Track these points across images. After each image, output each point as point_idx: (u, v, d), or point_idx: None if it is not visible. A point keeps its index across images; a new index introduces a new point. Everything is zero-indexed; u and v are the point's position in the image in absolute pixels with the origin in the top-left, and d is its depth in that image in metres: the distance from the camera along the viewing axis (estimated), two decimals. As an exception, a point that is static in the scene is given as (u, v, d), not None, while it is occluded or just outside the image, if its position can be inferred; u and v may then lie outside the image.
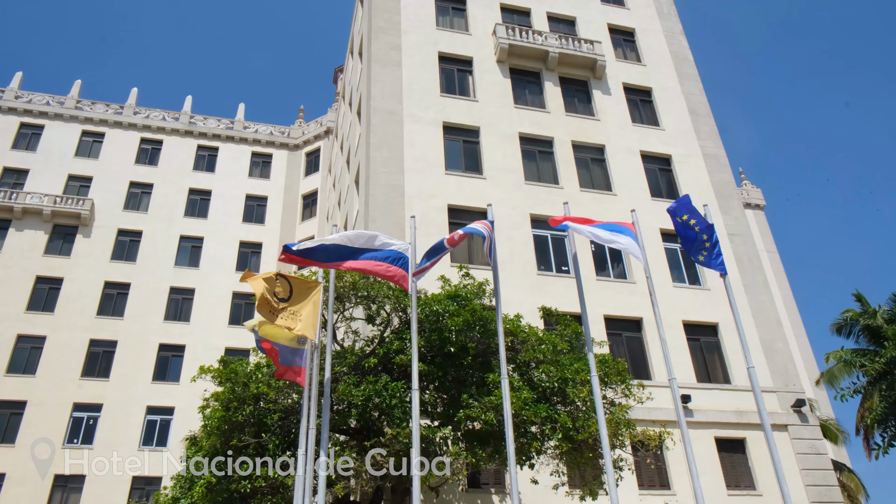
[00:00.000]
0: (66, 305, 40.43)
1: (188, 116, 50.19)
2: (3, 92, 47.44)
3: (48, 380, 37.87)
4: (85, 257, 42.43)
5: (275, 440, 15.42)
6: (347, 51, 41.78)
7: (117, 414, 37.83)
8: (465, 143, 28.49)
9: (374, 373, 15.86)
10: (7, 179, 44.36)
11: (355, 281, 16.37)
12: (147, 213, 45.28)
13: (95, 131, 47.92)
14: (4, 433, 36.14)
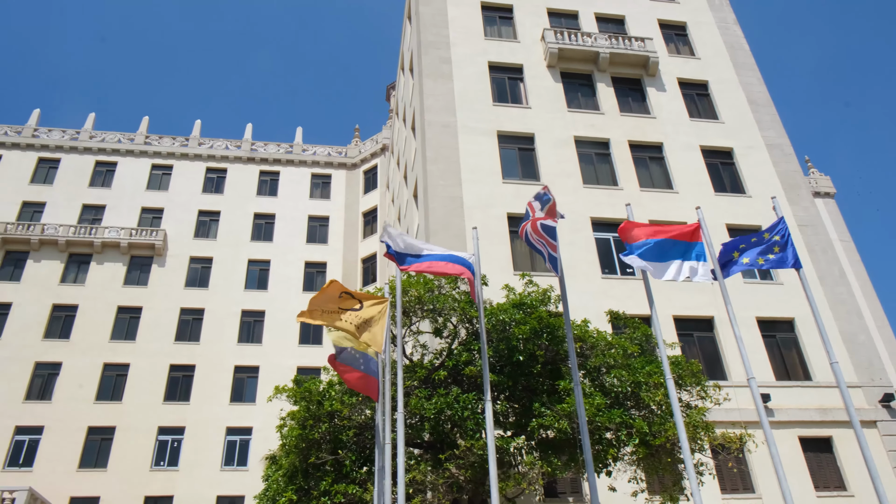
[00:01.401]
0: (146, 333, 42.17)
1: (249, 144, 51.82)
2: (79, 133, 50.06)
3: (134, 405, 39.52)
4: (161, 286, 44.21)
5: (351, 456, 15.69)
6: (398, 67, 42.39)
7: (199, 436, 39.13)
8: (521, 151, 28.48)
9: (445, 385, 15.97)
10: (86, 216, 46.70)
11: (420, 295, 16.54)
12: (216, 239, 46.87)
13: (164, 164, 50.02)
14: (97, 458, 37.85)
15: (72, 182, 47.86)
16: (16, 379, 39.29)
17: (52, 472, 36.78)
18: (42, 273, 43.39)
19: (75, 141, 49.45)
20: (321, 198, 50.40)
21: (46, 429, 38.02)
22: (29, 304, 42.01)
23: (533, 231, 12.99)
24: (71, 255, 44.45)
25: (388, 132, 50.91)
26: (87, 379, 39.92)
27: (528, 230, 13.06)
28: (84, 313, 42.25)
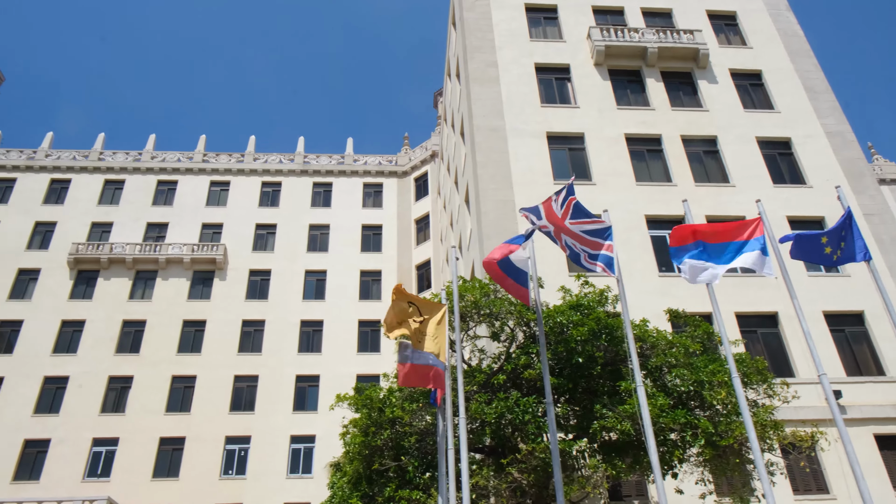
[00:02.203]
0: (210, 345, 43.46)
1: (302, 156, 52.92)
2: (141, 154, 52.03)
3: (202, 416, 40.75)
4: (223, 299, 45.50)
5: (413, 462, 15.85)
6: (445, 74, 42.64)
7: (265, 444, 40.07)
8: (571, 151, 28.28)
9: (504, 389, 15.97)
10: (151, 234, 48.47)
11: (477, 300, 16.60)
12: (273, 252, 47.98)
13: (222, 180, 51.52)
14: (169, 468, 39.16)
15: (136, 201, 49.76)
16: (92, 393, 41.01)
17: (128, 482, 38.22)
18: (112, 290, 45.20)
19: (138, 162, 51.42)
20: (373, 206, 51.05)
21: (122, 440, 39.55)
22: (101, 320, 43.82)
23: (564, 232, 12.78)
24: (138, 273, 46.19)
25: (437, 139, 51.24)
26: (157, 391, 41.38)
27: (556, 231, 12.82)
28: (152, 328, 43.81)
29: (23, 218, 47.87)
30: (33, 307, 44.04)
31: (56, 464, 38.55)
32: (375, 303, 45.82)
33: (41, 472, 38.33)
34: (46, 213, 48.42)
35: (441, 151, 47.35)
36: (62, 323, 43.57)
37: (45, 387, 41.16)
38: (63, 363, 41.99)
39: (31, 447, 39.14)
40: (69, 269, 45.68)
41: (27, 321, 43.39)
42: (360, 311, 45.52)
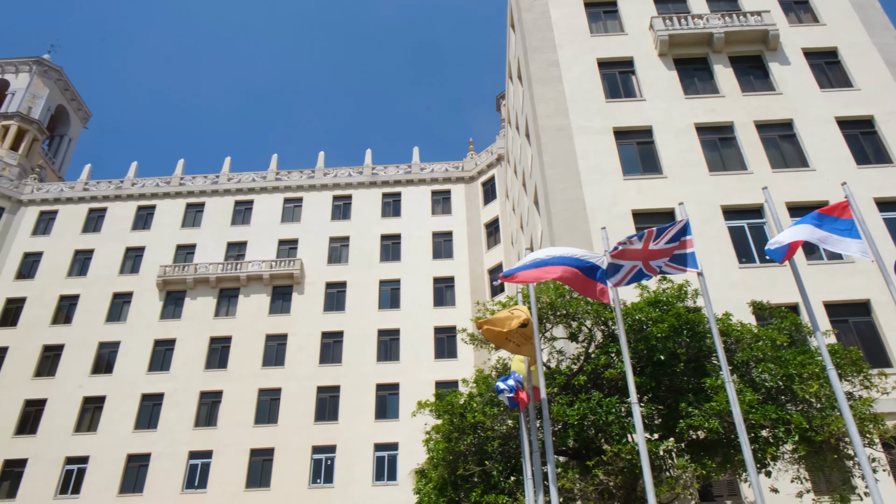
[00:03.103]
0: (293, 358, 44.74)
1: (370, 168, 53.90)
2: (218, 177, 54.19)
3: (288, 427, 41.98)
4: (302, 312, 46.78)
5: (498, 466, 15.88)
6: (506, 76, 42.62)
7: (350, 453, 40.90)
8: (640, 145, 27.78)
9: (585, 390, 15.82)
10: (231, 253, 50.39)
11: (553, 301, 16.51)
12: (348, 264, 49.00)
13: (294, 197, 53.05)
14: (260, 479, 40.50)
15: (216, 223, 51.84)
16: (185, 408, 42.90)
17: (223, 493, 39.75)
18: (198, 309, 47.19)
19: (216, 184, 53.56)
20: (443, 213, 51.42)
21: (215, 452, 41.18)
22: (190, 338, 45.81)
23: (651, 258, 12.35)
24: (221, 291, 48.07)
25: (502, 142, 51.21)
26: (245, 405, 42.90)
27: (645, 263, 12.41)
28: (237, 344, 45.48)
29: (114, 245, 50.62)
30: (128, 329, 46.47)
31: (157, 477, 40.48)
32: (450, 309, 46.12)
33: (144, 485, 40.34)
34: (135, 238, 51.05)
35: (507, 154, 47.29)
36: (155, 342, 45.80)
37: (143, 404, 43.34)
38: (158, 381, 44.12)
39: (133, 461, 41.26)
40: (158, 291, 47.98)
41: (123, 342, 45.81)
42: (435, 318, 45.92)
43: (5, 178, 53.35)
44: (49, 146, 66.93)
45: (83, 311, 47.39)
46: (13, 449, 41.83)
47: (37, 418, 43.04)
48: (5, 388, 44.05)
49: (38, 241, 51.10)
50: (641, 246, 12.08)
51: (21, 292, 48.34)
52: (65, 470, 41.08)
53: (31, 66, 63.92)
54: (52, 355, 45.74)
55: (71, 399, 43.54)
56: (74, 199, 53.18)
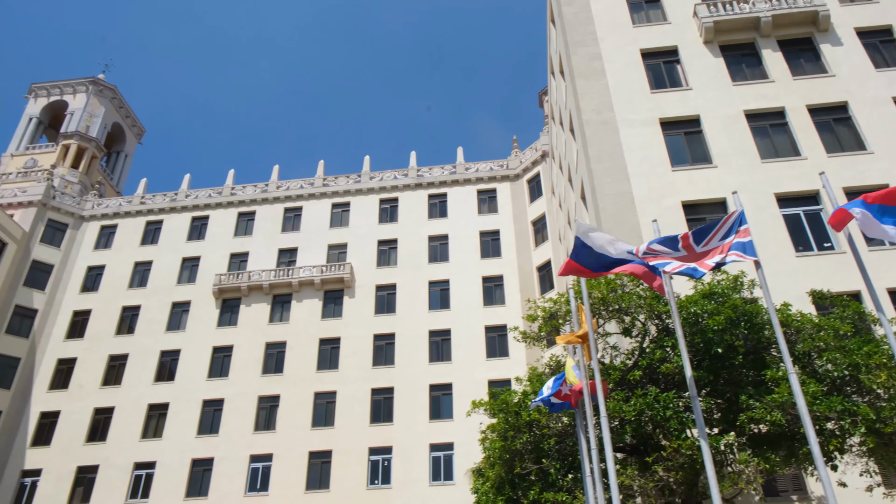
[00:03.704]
0: (346, 361, 45.36)
1: (415, 171, 54.22)
2: (267, 185, 55.32)
3: (344, 429, 42.59)
4: (353, 316, 47.38)
5: (555, 464, 15.85)
6: (548, 72, 42.34)
7: (406, 454, 41.24)
8: (688, 135, 27.29)
9: (640, 386, 15.67)
10: (283, 259, 51.38)
11: (604, 296, 16.39)
12: (397, 266, 49.42)
13: (342, 202, 53.78)
14: (319, 481, 41.19)
15: (267, 230, 52.92)
16: (245, 413, 43.95)
17: (284, 495, 40.57)
18: (252, 316, 48.27)
19: (265, 192, 54.69)
20: (489, 212, 51.38)
21: (275, 456, 42.05)
22: (246, 344, 46.91)
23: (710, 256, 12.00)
24: (274, 297, 49.06)
25: (547, 138, 50.90)
26: (302, 408, 43.68)
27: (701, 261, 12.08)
28: (292, 348, 46.35)
29: (171, 255, 52.18)
30: (187, 337, 47.84)
31: (220, 480, 41.58)
32: (499, 308, 46.08)
33: (208, 488, 41.47)
34: (191, 248, 52.52)
35: (551, 150, 46.97)
36: (213, 349, 47.04)
37: (205, 409, 44.56)
38: (217, 387, 45.30)
39: (197, 466, 42.47)
40: (215, 299, 49.26)
41: (183, 350, 47.20)
42: (486, 318, 45.93)
43: (68, 195, 55.54)
44: (107, 163, 69.44)
45: (144, 320, 49.00)
46: (85, 456, 43.54)
47: (106, 425, 44.71)
48: (76, 397, 45.90)
49: (100, 254, 53.04)
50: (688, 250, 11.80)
51: (86, 305, 50.26)
52: (134, 475, 42.54)
53: (87, 87, 66.47)
54: (117, 364, 47.43)
55: (137, 406, 45.08)
56: (132, 213, 55.01)
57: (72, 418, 45.04)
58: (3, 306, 48.60)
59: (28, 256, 51.23)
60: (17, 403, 45.88)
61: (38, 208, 53.33)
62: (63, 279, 51.55)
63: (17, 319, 48.91)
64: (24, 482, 43.22)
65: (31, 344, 48.30)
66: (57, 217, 53.99)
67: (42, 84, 67.09)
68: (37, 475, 43.29)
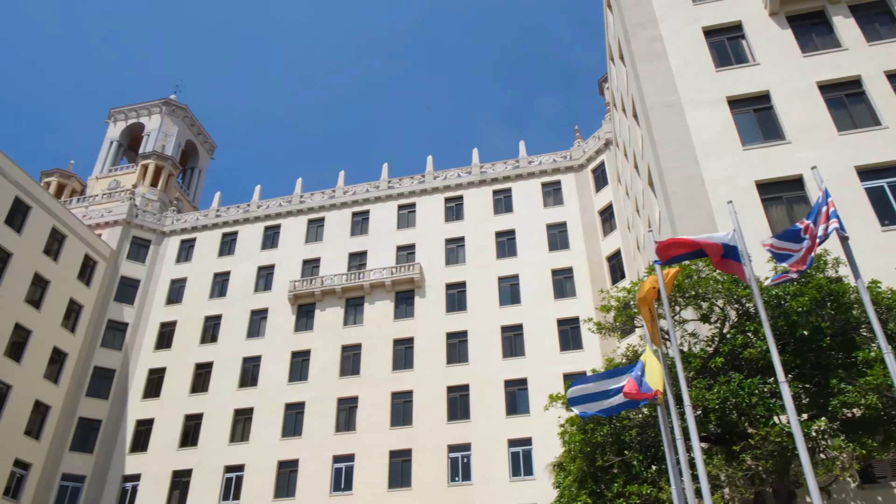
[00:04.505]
0: (420, 360, 45.86)
1: (478, 168, 54.26)
2: (335, 191, 56.47)
3: (422, 428, 43.09)
4: (425, 315, 47.85)
5: (638, 456, 15.64)
6: (607, 59, 41.65)
7: (484, 450, 41.38)
8: (757, 112, 26.34)
9: (723, 373, 15.28)
10: (353, 263, 52.37)
11: (679, 282, 16.05)
12: (465, 263, 49.59)
13: (407, 203, 54.37)
14: (401, 479, 41.83)
15: (336, 235, 54.04)
16: (326, 415, 45.06)
17: (367, 494, 41.39)
18: (327, 320, 49.40)
19: (333, 199, 55.86)
20: (554, 205, 50.92)
21: (357, 456, 42.94)
22: (323, 348, 48.07)
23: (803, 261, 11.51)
24: (347, 300, 50.07)
25: (609, 126, 50.06)
26: (379, 408, 44.44)
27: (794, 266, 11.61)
28: (367, 350, 47.21)
29: (248, 265, 53.99)
30: (266, 343, 49.41)
31: (306, 481, 42.78)
32: (570, 300, 45.63)
33: (295, 489, 42.75)
34: (265, 257, 54.18)
35: (614, 138, 46.18)
36: (292, 354, 48.41)
37: (287, 413, 45.93)
38: (298, 390, 46.61)
39: (283, 468, 43.83)
40: (290, 305, 50.67)
41: (264, 356, 48.78)
42: (557, 311, 45.57)
43: (149, 212, 58.23)
44: (183, 179, 72.47)
45: (226, 329, 50.88)
46: (179, 460, 45.61)
47: (196, 431, 46.71)
48: (168, 405, 48.13)
49: (181, 267, 55.36)
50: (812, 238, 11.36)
51: (172, 316, 52.59)
52: (224, 478, 44.27)
53: (160, 108, 69.60)
54: (203, 372, 49.44)
55: (223, 411, 46.88)
56: (209, 226, 57.15)
57: (165, 425, 47.26)
58: (98, 321, 51.42)
59: (117, 273, 54.01)
60: (114, 412, 48.48)
61: (123, 227, 56.12)
62: (149, 293, 54.09)
63: (110, 333, 51.68)
64: (125, 486, 45.65)
65: (124, 356, 50.94)
66: (140, 234, 56.68)
67: (120, 108, 70.64)
68: (136, 480, 45.63)
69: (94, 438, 47.34)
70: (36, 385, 45.21)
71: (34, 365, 45.33)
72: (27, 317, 45.32)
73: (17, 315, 44.48)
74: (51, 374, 46.90)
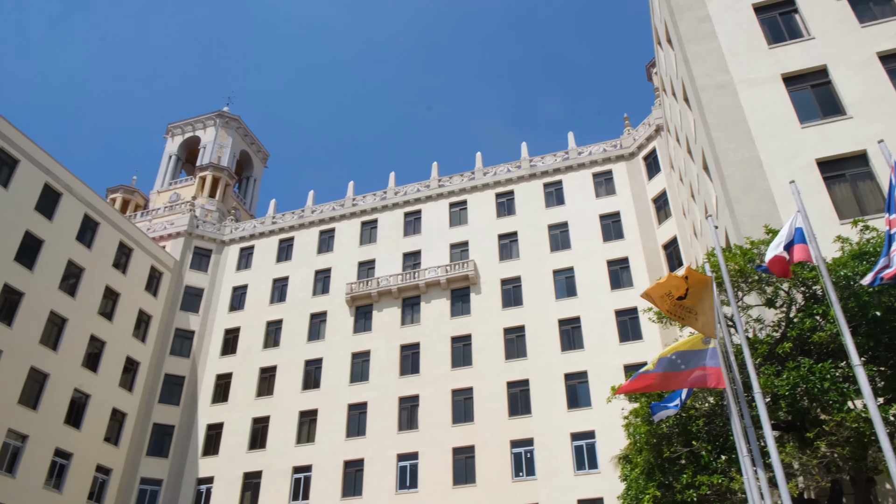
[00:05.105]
0: (479, 357, 45.95)
1: (527, 161, 53.98)
2: (385, 193, 57.05)
3: (484, 424, 43.20)
4: (482, 312, 47.90)
5: (706, 446, 15.36)
6: (654, 43, 40.89)
7: (547, 445, 41.22)
8: (814, 88, 25.44)
9: (791, 358, 14.88)
10: (407, 263, 52.82)
11: (742, 267, 15.69)
12: (519, 258, 49.42)
13: (458, 201, 54.48)
14: (465, 476, 42.03)
15: (390, 236, 54.59)
16: (388, 414, 45.63)
17: (433, 491, 41.76)
18: (385, 320, 49.97)
19: (384, 200, 56.44)
20: (607, 195, 50.26)
21: (420, 454, 43.37)
22: (382, 348, 48.66)
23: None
24: (404, 300, 50.54)
25: (659, 111, 49.11)
26: (440, 406, 44.74)
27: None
28: (425, 349, 47.57)
29: (305, 269, 55.06)
30: (327, 345, 50.32)
31: (371, 480, 43.44)
32: (628, 290, 44.98)
33: (362, 487, 43.47)
34: (321, 261, 55.15)
35: (665, 124, 45.28)
36: (352, 355, 49.18)
37: (350, 413, 46.72)
38: (359, 391, 47.33)
39: (349, 467, 44.61)
40: (348, 307, 51.46)
41: (325, 358, 49.69)
42: (614, 302, 44.99)
43: (209, 223, 60.01)
44: (239, 188, 74.40)
45: (287, 333, 52.04)
46: (249, 462, 46.92)
47: (264, 434, 47.96)
48: (236, 409, 49.56)
49: (242, 275, 56.86)
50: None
51: (235, 323, 54.09)
52: (293, 478, 45.32)
53: (214, 120, 71.66)
54: (267, 376, 50.71)
55: (289, 414, 47.98)
56: (266, 233, 58.51)
57: (234, 428, 48.66)
58: (166, 330, 53.31)
59: (181, 283, 55.86)
60: (186, 418, 50.19)
61: (185, 238, 57.99)
62: (213, 301, 55.75)
63: (178, 341, 53.53)
64: (199, 489, 47.22)
65: (192, 363, 52.67)
66: (202, 244, 58.45)
67: (176, 123, 73.01)
68: (210, 482, 47.14)
69: (168, 443, 49.14)
70: (112, 393, 47.19)
71: (110, 374, 47.32)
72: (101, 328, 47.33)
73: (91, 327, 46.50)
74: (125, 382, 48.86)
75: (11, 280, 41.04)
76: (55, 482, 41.78)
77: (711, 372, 12.99)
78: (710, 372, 12.99)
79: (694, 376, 12.96)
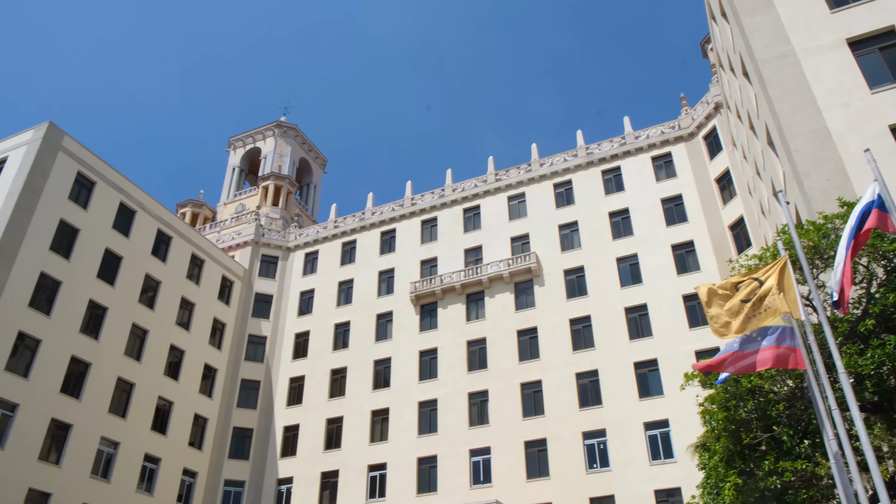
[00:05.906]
0: (546, 349, 45.67)
1: (584, 149, 53.23)
2: (443, 190, 57.31)
3: (554, 416, 42.95)
4: (546, 303, 47.59)
5: (787, 431, 14.91)
6: (708, 18, 39.74)
7: (620, 435, 40.67)
8: (883, 50, 24.29)
9: (875, 335, 14.27)
10: (469, 259, 52.93)
11: (816, 243, 15.15)
12: (581, 248, 48.85)
13: (516, 193, 54.22)
14: (539, 469, 41.92)
15: (450, 233, 54.81)
16: (458, 410, 45.92)
17: (507, 485, 41.82)
18: (450, 317, 50.24)
19: (442, 197, 56.70)
20: (667, 178, 49.11)
21: (493, 448, 43.48)
22: (448, 345, 48.96)
23: None
24: (468, 296, 50.70)
25: (717, 88, 47.67)
26: (510, 400, 44.72)
27: None
28: (492, 343, 47.61)
29: (369, 271, 55.90)
30: (394, 345, 50.98)
31: (446, 475, 43.81)
32: (695, 274, 43.87)
33: (436, 483, 43.90)
34: (384, 262, 55.87)
35: (724, 100, 43.92)
36: (419, 353, 49.66)
37: (421, 410, 47.21)
38: (429, 388, 47.76)
39: (423, 464, 45.10)
40: (413, 306, 51.96)
41: (393, 357, 50.36)
42: (681, 287, 43.94)
43: (274, 230, 61.65)
44: (300, 195, 76.10)
45: (355, 334, 52.98)
46: (325, 462, 48.03)
47: (338, 433, 49.03)
48: (310, 410, 50.80)
49: (308, 280, 58.18)
50: None
51: (304, 327, 55.41)
52: (369, 476, 46.16)
53: (273, 131, 73.56)
54: (338, 377, 51.76)
55: (361, 413, 48.87)
56: (329, 238, 59.67)
57: (309, 430, 49.89)
58: (240, 337, 55.08)
59: (251, 290, 57.58)
60: (263, 421, 51.77)
61: (252, 247, 59.73)
62: (282, 306, 57.25)
63: (251, 347, 55.25)
64: (280, 489, 48.64)
65: (266, 367, 54.26)
66: (268, 252, 60.09)
67: (237, 136, 75.25)
68: (289, 482, 48.50)
69: (248, 446, 50.80)
70: (193, 400, 49.09)
71: (190, 381, 49.23)
72: (179, 338, 49.28)
73: (171, 337, 48.49)
74: (205, 388, 50.75)
75: (95, 296, 43.17)
76: (146, 486, 43.81)
77: (790, 352, 12.52)
78: (790, 352, 12.52)
79: (776, 355, 12.43)
